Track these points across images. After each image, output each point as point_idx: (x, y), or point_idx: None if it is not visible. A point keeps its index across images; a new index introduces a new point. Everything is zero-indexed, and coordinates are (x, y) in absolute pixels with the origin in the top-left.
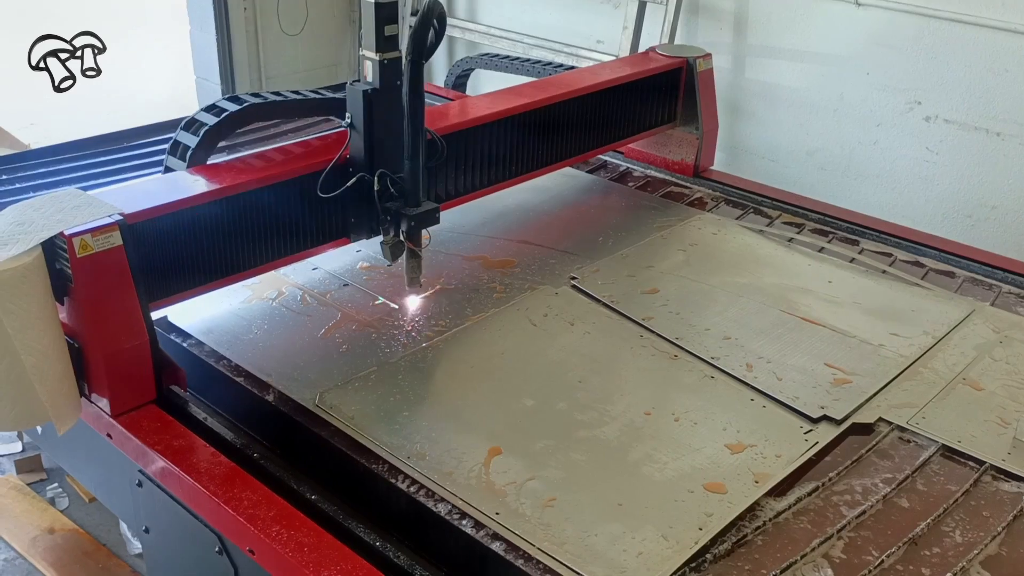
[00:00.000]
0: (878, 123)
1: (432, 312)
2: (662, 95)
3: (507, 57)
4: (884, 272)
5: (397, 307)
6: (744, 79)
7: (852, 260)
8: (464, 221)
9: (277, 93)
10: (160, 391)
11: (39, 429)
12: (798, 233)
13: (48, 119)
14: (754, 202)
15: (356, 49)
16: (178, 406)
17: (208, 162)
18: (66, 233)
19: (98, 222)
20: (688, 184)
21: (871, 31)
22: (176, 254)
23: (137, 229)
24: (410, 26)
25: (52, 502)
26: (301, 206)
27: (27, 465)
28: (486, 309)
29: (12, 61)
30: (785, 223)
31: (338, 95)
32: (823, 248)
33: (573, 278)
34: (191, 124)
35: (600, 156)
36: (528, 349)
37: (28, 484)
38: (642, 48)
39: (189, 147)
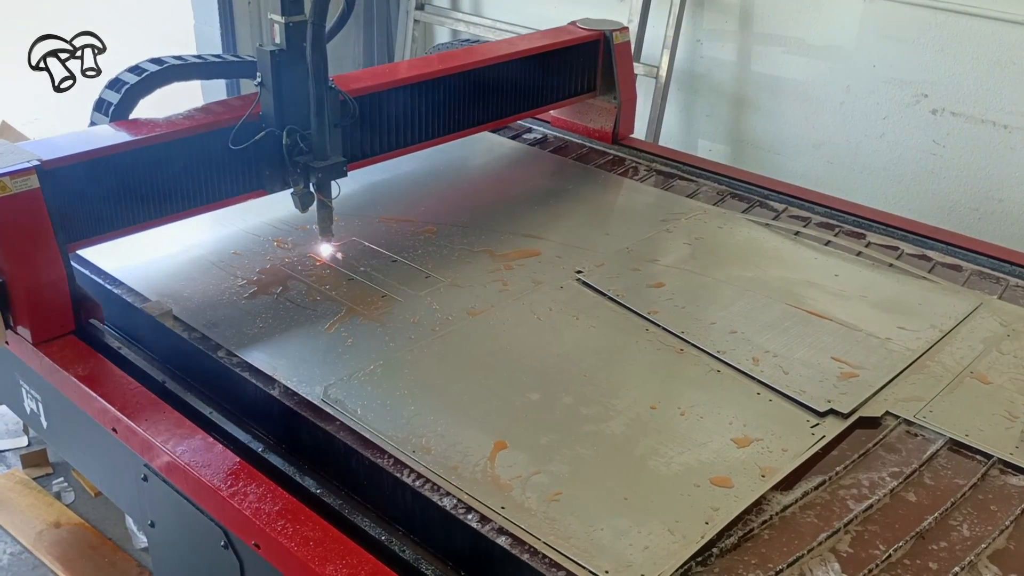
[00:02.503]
0: (884, 116)
1: (437, 306)
2: (581, 66)
3: (479, 41)
4: (891, 265)
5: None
6: (750, 72)
7: (859, 253)
8: (467, 214)
9: (199, 57)
10: (79, 323)
11: (44, 423)
12: (804, 226)
13: (52, 114)
14: (760, 195)
15: (361, 43)
16: (96, 338)
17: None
18: None
19: (17, 166)
20: (611, 151)
21: (877, 23)
22: (93, 199)
23: (54, 174)
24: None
25: (58, 496)
26: (213, 159)
27: (33, 459)
28: (491, 303)
29: (16, 57)
30: (791, 216)
31: (253, 59)
32: (829, 241)
33: (579, 272)
34: (115, 83)
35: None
36: (534, 343)
37: (34, 478)
38: (647, 42)
39: (112, 104)
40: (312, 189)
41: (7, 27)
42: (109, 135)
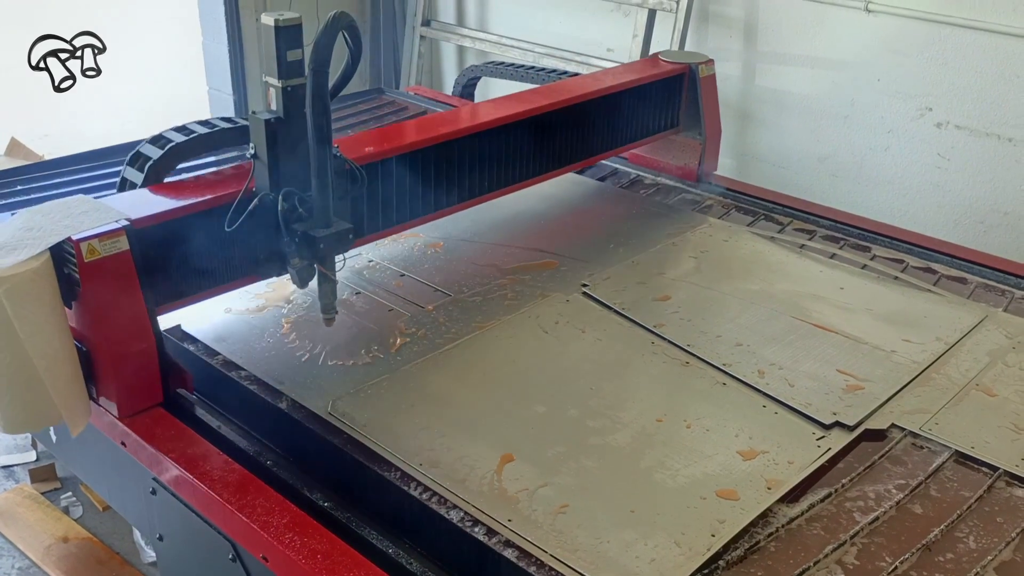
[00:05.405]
0: (889, 129)
1: (444, 320)
2: (665, 101)
3: (513, 65)
4: (896, 278)
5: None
6: (754, 86)
7: (864, 266)
8: (473, 228)
9: (229, 120)
10: (167, 394)
11: (53, 437)
12: (809, 240)
13: (61, 130)
14: (765, 209)
15: (368, 60)
16: (185, 409)
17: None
18: (74, 238)
19: (105, 227)
20: (692, 189)
21: (882, 37)
22: (182, 259)
23: (144, 234)
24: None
25: (66, 511)
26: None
27: (41, 474)
28: (497, 316)
29: (27, 74)
30: (796, 230)
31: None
32: (834, 255)
33: (584, 285)
34: (183, 127)
35: (609, 164)
36: (540, 356)
37: (42, 493)
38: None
39: (173, 141)
40: (313, 262)
41: (14, 44)
42: (194, 189)
